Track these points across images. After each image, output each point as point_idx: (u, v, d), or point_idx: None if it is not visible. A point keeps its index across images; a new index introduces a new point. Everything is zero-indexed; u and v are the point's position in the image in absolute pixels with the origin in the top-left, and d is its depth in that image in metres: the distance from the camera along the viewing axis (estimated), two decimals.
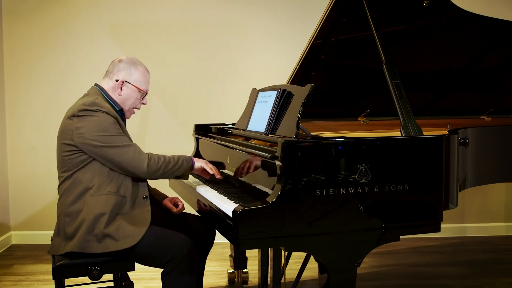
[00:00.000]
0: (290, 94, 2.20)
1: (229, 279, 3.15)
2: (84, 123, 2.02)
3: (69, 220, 2.05)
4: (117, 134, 2.05)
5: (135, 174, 2.09)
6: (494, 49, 3.03)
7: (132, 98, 2.22)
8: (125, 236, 2.01)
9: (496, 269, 3.46)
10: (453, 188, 2.10)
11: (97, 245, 2.00)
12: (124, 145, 2.05)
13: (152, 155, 2.10)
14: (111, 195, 2.04)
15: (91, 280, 2.07)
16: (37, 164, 4.04)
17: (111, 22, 4.02)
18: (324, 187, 1.81)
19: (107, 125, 2.03)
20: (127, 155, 2.04)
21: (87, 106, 2.03)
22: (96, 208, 2.01)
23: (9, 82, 4.01)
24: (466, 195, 4.28)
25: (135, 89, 2.21)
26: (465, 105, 3.39)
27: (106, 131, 2.02)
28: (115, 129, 2.05)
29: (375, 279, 3.27)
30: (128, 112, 2.26)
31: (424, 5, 2.58)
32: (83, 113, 2.03)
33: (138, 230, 2.03)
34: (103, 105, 2.06)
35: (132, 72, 2.20)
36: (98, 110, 2.03)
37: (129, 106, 2.23)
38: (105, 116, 2.04)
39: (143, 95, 2.25)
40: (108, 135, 2.03)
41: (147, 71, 2.27)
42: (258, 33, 4.10)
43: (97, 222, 2.00)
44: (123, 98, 2.20)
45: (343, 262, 1.90)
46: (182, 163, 2.18)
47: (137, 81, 2.21)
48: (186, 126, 3.98)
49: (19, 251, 3.89)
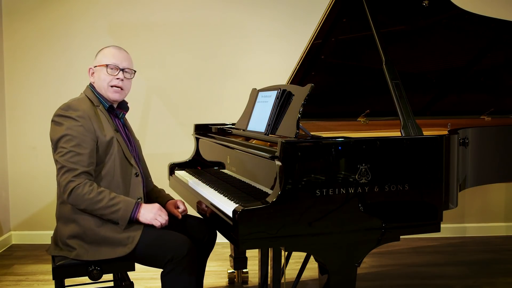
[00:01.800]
0: (290, 94, 2.20)
1: (229, 279, 3.15)
2: (53, 128, 2.08)
3: (63, 224, 2.10)
4: (70, 149, 2.00)
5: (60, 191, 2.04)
6: (494, 49, 3.03)
7: (101, 77, 2.19)
8: (118, 243, 2.03)
9: (496, 269, 3.46)
10: (453, 188, 2.10)
11: (90, 253, 2.03)
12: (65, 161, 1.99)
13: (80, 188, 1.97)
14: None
15: (91, 280, 2.08)
16: (37, 164, 4.04)
17: (111, 22, 4.02)
18: (324, 187, 1.81)
19: (66, 136, 2.02)
20: (62, 174, 2.00)
21: (62, 111, 2.08)
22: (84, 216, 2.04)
23: (9, 82, 4.01)
24: (466, 195, 4.28)
25: (100, 68, 2.20)
26: (465, 105, 3.39)
27: (64, 140, 2.02)
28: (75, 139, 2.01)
29: (375, 279, 3.27)
30: (109, 92, 2.19)
31: (424, 5, 2.58)
32: (56, 118, 2.08)
33: (132, 236, 2.04)
34: (77, 108, 2.07)
35: (97, 57, 2.25)
36: (68, 116, 2.04)
37: (103, 86, 2.19)
38: (73, 123, 2.03)
39: (111, 68, 2.19)
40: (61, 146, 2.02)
41: (116, 48, 2.25)
42: (258, 33, 4.10)
43: (90, 229, 2.03)
44: (96, 83, 2.22)
45: (343, 262, 1.90)
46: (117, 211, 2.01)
47: (100, 60, 2.22)
48: (186, 126, 3.98)
49: (19, 251, 3.89)
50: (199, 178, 2.64)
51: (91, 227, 2.03)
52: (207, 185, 2.43)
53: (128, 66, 2.25)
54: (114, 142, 2.13)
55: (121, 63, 2.22)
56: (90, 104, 2.16)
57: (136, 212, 2.06)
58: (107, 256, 2.03)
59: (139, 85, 3.93)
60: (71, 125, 2.04)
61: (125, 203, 2.04)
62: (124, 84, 2.23)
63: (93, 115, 2.11)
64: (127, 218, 2.03)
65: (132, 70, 2.28)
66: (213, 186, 2.37)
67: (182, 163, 2.98)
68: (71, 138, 2.02)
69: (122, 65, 2.22)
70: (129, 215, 2.03)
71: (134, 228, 2.06)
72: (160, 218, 2.11)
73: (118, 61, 2.21)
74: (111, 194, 2.03)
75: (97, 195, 1.99)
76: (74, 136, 2.03)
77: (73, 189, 1.98)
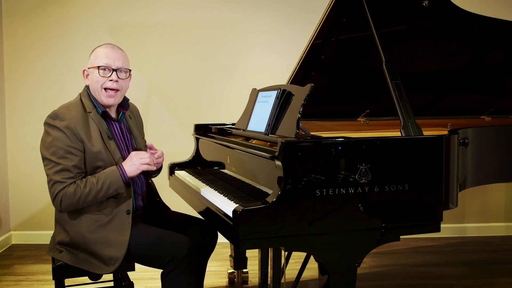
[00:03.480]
0: (290, 94, 2.20)
1: (229, 279, 3.15)
2: (43, 137, 2.07)
3: (58, 228, 2.13)
4: (60, 155, 1.99)
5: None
6: (494, 49, 3.03)
7: (94, 79, 2.11)
8: (100, 260, 2.03)
9: (496, 269, 3.46)
10: (453, 188, 2.10)
11: (84, 263, 2.04)
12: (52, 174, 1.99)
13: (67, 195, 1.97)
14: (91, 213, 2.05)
15: (91, 280, 2.08)
16: (37, 164, 4.01)
17: (110, 22, 4.02)
18: (324, 187, 1.81)
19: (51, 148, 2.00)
20: (51, 186, 2.00)
21: (49, 119, 2.04)
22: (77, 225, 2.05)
23: (9, 82, 4.01)
24: (466, 195, 4.28)
25: (93, 69, 2.12)
26: (465, 105, 3.39)
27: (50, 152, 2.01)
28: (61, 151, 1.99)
29: (375, 279, 3.27)
30: (102, 96, 2.12)
31: (424, 5, 2.58)
32: (45, 126, 2.06)
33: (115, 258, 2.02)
34: (64, 117, 2.02)
35: (90, 58, 2.17)
36: (55, 126, 2.01)
37: (97, 89, 2.12)
38: (59, 135, 2.00)
39: (101, 70, 2.10)
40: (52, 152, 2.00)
41: (109, 47, 2.15)
42: (258, 33, 4.10)
43: (79, 239, 2.04)
44: (90, 86, 2.15)
45: (343, 262, 1.90)
46: (108, 187, 2.00)
47: (93, 61, 2.14)
48: (186, 126, 3.98)
49: (19, 251, 3.89)
50: (199, 178, 2.64)
51: (79, 237, 2.04)
52: (207, 185, 2.43)
53: (122, 66, 2.14)
54: (103, 152, 2.07)
55: (114, 63, 2.12)
56: (81, 111, 2.08)
57: (125, 175, 2.04)
58: (88, 269, 2.03)
59: (139, 85, 3.93)
60: (57, 135, 2.00)
61: (110, 176, 2.02)
62: (120, 85, 2.13)
63: (82, 124, 2.04)
64: (122, 185, 2.03)
65: (127, 69, 2.18)
66: (213, 186, 2.37)
67: (182, 163, 2.98)
68: (56, 151, 1.99)
69: (115, 65, 2.12)
70: (122, 182, 2.03)
71: (118, 249, 2.03)
72: (143, 161, 2.08)
73: (111, 61, 2.11)
74: (93, 178, 2.01)
75: (83, 189, 1.98)
76: (60, 147, 1.99)
77: (61, 198, 1.98)
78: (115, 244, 2.03)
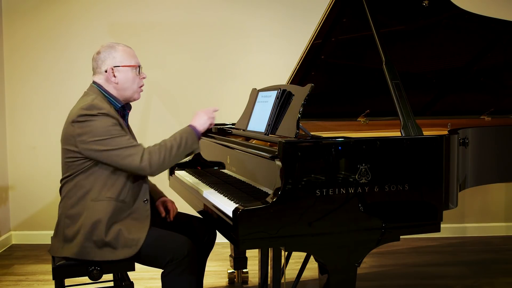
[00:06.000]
0: (290, 94, 2.20)
1: (229, 279, 3.15)
2: (85, 129, 1.97)
3: (69, 222, 2.05)
4: (119, 135, 1.99)
5: (141, 174, 2.07)
6: (494, 49, 3.03)
7: (130, 78, 2.13)
8: (124, 245, 2.01)
9: (496, 269, 3.46)
10: (453, 188, 2.10)
11: (95, 253, 2.00)
12: (127, 147, 1.99)
13: (152, 151, 2.01)
14: (111, 201, 2.02)
15: (91, 280, 2.07)
16: (37, 164, 4.04)
17: (111, 22, 4.02)
18: (324, 187, 1.81)
19: (108, 128, 1.97)
20: (131, 157, 1.98)
21: (86, 111, 1.97)
22: (95, 214, 2.00)
23: (9, 82, 4.01)
24: (466, 195, 4.28)
25: (127, 68, 2.12)
26: (465, 105, 3.39)
27: (107, 134, 1.97)
28: (116, 130, 1.99)
29: (375, 279, 3.27)
30: (136, 93, 2.17)
31: (424, 5, 2.58)
32: (82, 118, 1.97)
33: (137, 238, 2.02)
34: (101, 106, 2.00)
35: (114, 55, 2.12)
36: (98, 114, 1.97)
37: (131, 88, 2.14)
38: (105, 118, 1.98)
39: (138, 69, 2.16)
40: (110, 137, 1.97)
41: (128, 47, 2.18)
42: (258, 33, 4.10)
43: (96, 229, 1.99)
44: (121, 84, 2.12)
45: (343, 262, 1.90)
46: (186, 142, 2.09)
47: (123, 60, 2.12)
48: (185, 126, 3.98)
49: (19, 251, 3.89)
50: (199, 178, 2.64)
51: (99, 229, 2.00)
52: (207, 185, 2.43)
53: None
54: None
55: (139, 61, 2.20)
56: (107, 104, 2.08)
57: (196, 129, 2.16)
58: (111, 258, 2.01)
59: None
60: (103, 119, 1.97)
61: (183, 132, 2.13)
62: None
63: (115, 114, 2.06)
64: (196, 140, 2.13)
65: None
66: (213, 186, 2.37)
67: (182, 163, 2.98)
68: (112, 125, 1.98)
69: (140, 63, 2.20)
70: (196, 137, 2.14)
71: (139, 231, 2.04)
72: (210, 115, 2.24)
73: (138, 60, 2.18)
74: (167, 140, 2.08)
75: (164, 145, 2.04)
76: (112, 126, 1.98)
77: (149, 159, 1.99)
78: (136, 228, 2.04)
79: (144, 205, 2.12)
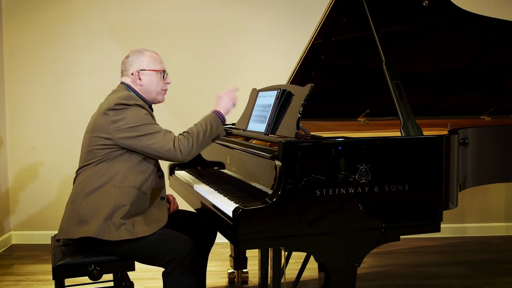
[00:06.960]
0: (290, 94, 2.20)
1: (229, 279, 3.15)
2: (121, 115, 2.06)
3: (86, 204, 2.06)
4: (151, 123, 2.10)
5: (172, 161, 2.16)
6: (494, 49, 3.03)
7: (154, 82, 2.23)
8: (139, 231, 2.05)
9: (496, 269, 3.46)
10: (453, 188, 2.10)
11: (113, 233, 2.01)
12: (159, 131, 2.09)
13: (181, 138, 2.10)
14: (134, 189, 2.08)
15: (91, 280, 2.08)
16: (37, 164, 4.04)
17: (111, 22, 4.02)
18: (324, 187, 1.81)
19: (141, 117, 2.08)
20: (163, 141, 2.07)
21: (123, 100, 2.07)
22: (117, 198, 2.05)
23: (9, 82, 4.01)
24: (466, 195, 4.28)
25: (152, 72, 2.23)
26: (465, 105, 3.39)
27: (141, 122, 2.07)
28: (149, 119, 2.10)
29: (375, 279, 3.27)
30: (160, 95, 2.28)
31: (424, 5, 2.58)
32: (119, 106, 2.06)
33: (159, 219, 2.12)
34: (137, 99, 2.13)
35: (141, 60, 2.23)
36: (134, 104, 2.08)
37: (155, 90, 2.24)
38: (139, 108, 2.10)
39: (162, 74, 2.26)
40: (143, 124, 2.07)
41: (155, 53, 2.30)
42: (258, 33, 4.10)
43: (117, 211, 2.03)
44: (146, 86, 2.22)
45: (343, 262, 1.90)
46: (211, 127, 2.18)
47: (149, 64, 2.23)
48: (186, 126, 3.95)
49: (19, 251, 3.89)
50: (199, 178, 2.64)
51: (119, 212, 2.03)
52: (207, 185, 2.43)
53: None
54: None
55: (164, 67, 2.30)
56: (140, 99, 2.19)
57: (220, 113, 2.25)
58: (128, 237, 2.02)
59: None
60: (137, 109, 2.09)
61: (208, 117, 2.21)
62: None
63: (147, 108, 2.17)
64: (220, 123, 2.22)
65: None
66: (213, 186, 2.37)
67: (182, 163, 2.98)
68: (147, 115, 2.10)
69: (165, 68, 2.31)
70: (220, 121, 2.23)
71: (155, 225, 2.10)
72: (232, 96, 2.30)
73: (164, 66, 2.30)
74: (193, 127, 2.16)
75: (192, 132, 2.13)
76: (146, 113, 2.11)
77: (179, 144, 2.07)
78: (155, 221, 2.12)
79: (161, 201, 2.20)
